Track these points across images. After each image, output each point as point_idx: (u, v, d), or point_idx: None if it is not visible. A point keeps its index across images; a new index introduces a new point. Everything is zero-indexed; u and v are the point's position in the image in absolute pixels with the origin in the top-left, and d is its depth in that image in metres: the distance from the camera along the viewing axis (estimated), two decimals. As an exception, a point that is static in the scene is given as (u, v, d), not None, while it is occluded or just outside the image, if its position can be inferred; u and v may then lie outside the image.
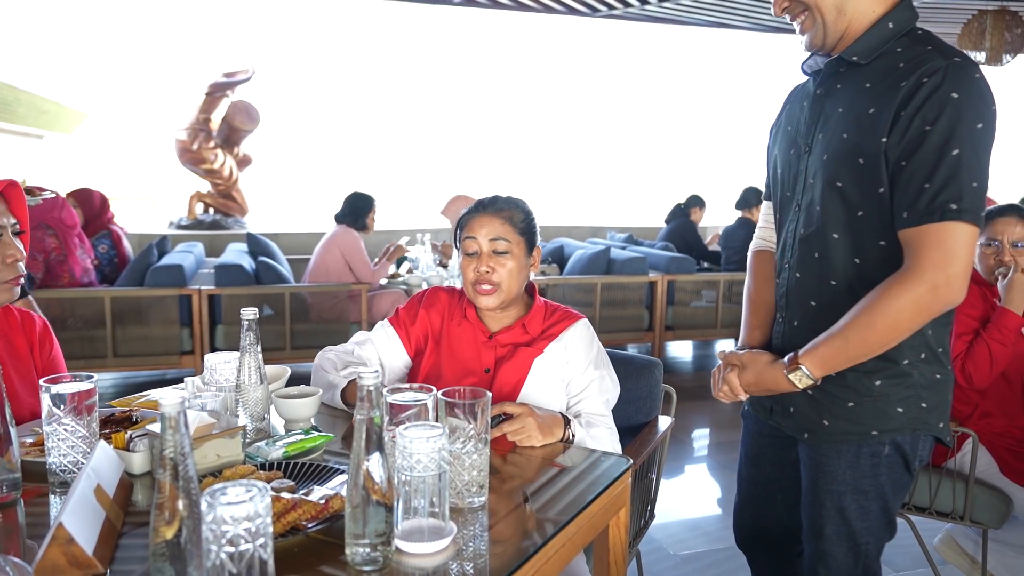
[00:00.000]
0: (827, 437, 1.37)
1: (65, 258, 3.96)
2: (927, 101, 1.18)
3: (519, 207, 1.65)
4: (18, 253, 1.43)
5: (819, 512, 1.40)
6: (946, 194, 1.16)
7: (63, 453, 1.18)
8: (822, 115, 1.36)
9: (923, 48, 1.24)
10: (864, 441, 1.34)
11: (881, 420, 1.32)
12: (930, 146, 1.17)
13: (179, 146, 8.91)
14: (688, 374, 5.34)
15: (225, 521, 0.74)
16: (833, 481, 1.37)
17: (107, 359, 4.20)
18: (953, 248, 1.17)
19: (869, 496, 1.37)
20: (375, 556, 0.96)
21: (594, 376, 1.60)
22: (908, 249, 1.21)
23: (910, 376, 1.32)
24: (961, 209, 1.16)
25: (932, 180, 1.17)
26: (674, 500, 3.17)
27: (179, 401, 0.81)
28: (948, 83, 1.17)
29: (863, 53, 1.29)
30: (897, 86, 1.22)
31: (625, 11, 7.48)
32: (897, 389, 1.32)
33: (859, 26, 1.30)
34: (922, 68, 1.20)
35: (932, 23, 7.04)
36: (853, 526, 1.38)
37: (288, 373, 1.68)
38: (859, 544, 1.40)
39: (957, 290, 1.18)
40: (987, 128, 1.18)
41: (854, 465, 1.36)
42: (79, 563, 0.92)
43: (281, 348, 4.48)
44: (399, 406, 1.13)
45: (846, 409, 1.34)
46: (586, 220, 11.07)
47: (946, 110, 1.16)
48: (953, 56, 1.20)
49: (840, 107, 1.32)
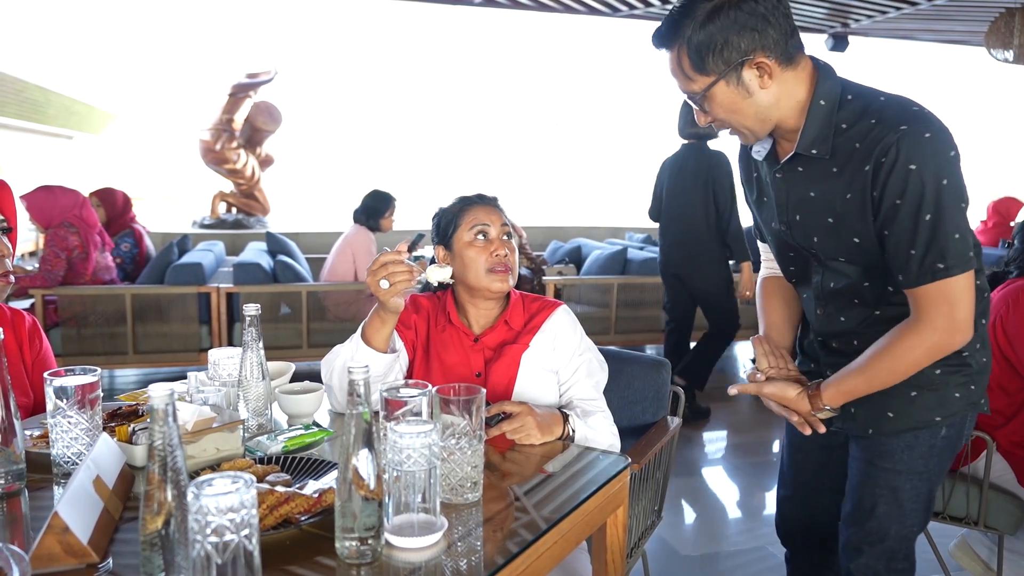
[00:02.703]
0: (892, 428, 1.43)
1: (87, 256, 4.03)
2: (889, 178, 1.23)
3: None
4: (4, 249, 1.44)
5: (872, 491, 1.46)
6: (932, 256, 1.24)
7: (66, 445, 1.20)
8: (790, 196, 1.40)
9: (868, 123, 1.27)
10: (926, 428, 1.41)
11: (943, 407, 1.40)
12: (904, 217, 1.24)
13: (203, 146, 9.04)
14: (705, 375, 5.29)
15: (210, 512, 0.75)
16: (890, 461, 1.44)
17: (128, 355, 4.26)
18: (953, 299, 1.25)
19: (922, 477, 1.44)
20: (365, 550, 0.96)
21: (580, 361, 1.62)
22: (914, 303, 1.30)
23: (969, 365, 1.40)
24: (948, 266, 1.24)
25: (916, 246, 1.25)
26: (687, 501, 3.16)
27: (168, 393, 0.82)
28: (903, 157, 1.22)
29: (819, 145, 1.31)
30: (862, 170, 1.27)
31: (646, 11, 7.45)
32: (955, 377, 1.40)
33: (788, 117, 1.32)
34: (876, 148, 1.24)
35: (958, 21, 6.92)
36: (904, 507, 1.45)
37: (292, 369, 1.69)
38: (906, 526, 1.46)
39: (965, 332, 1.28)
40: (952, 178, 1.23)
41: (912, 446, 1.43)
42: (74, 552, 0.93)
43: (298, 346, 4.52)
44: (394, 402, 1.13)
45: (909, 399, 1.40)
46: (606, 221, 11.04)
47: (909, 182, 1.22)
48: (899, 125, 1.23)
49: (811, 191, 1.36)
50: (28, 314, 1.68)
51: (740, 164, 1.58)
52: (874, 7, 6.66)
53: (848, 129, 1.29)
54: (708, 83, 1.28)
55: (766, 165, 1.44)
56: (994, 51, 5.98)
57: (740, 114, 1.31)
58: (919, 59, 12.29)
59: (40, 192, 3.96)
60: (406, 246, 1.42)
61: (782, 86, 1.29)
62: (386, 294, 1.39)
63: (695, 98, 1.32)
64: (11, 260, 1.49)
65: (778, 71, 1.27)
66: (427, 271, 1.49)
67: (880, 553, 1.47)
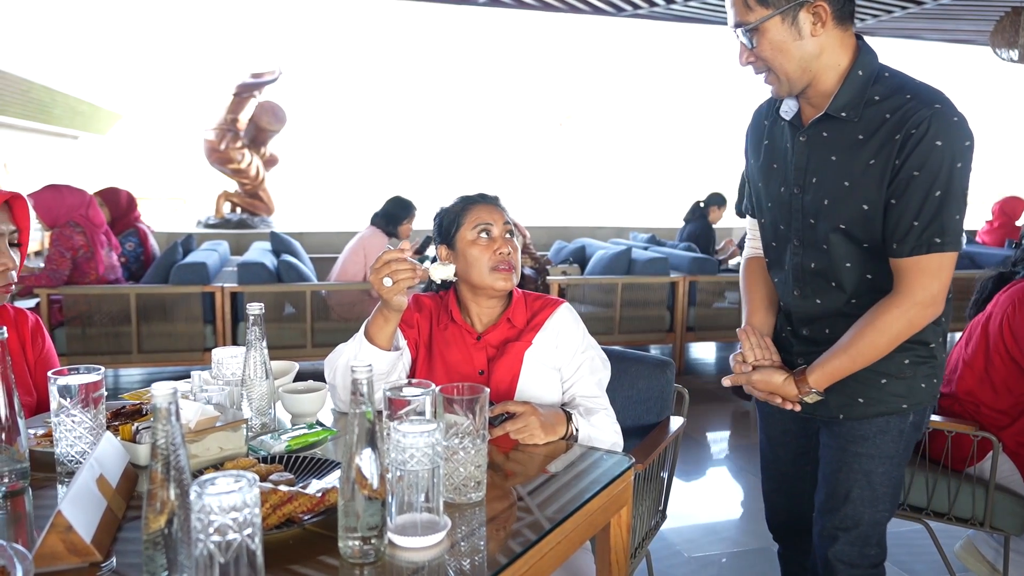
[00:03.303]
0: (863, 413, 1.50)
1: (92, 255, 4.04)
2: (915, 150, 1.31)
3: None
4: (10, 262, 1.47)
5: (846, 477, 1.52)
6: (932, 229, 1.32)
7: (70, 443, 1.20)
8: (811, 159, 1.45)
9: (903, 97, 1.34)
10: (895, 414, 1.49)
11: (910, 395, 1.48)
12: (917, 189, 1.32)
13: (207, 146, 9.05)
14: (711, 376, 5.29)
15: (212, 510, 0.75)
16: (863, 445, 1.50)
17: (132, 355, 4.27)
18: (939, 273, 1.34)
19: (893, 462, 1.51)
20: (368, 549, 0.96)
21: (583, 358, 1.63)
22: (899, 274, 1.37)
23: (935, 357, 1.49)
24: (945, 242, 1.33)
25: (920, 218, 1.33)
26: (691, 503, 3.15)
27: (171, 392, 0.82)
28: (932, 132, 1.29)
29: (850, 110, 1.38)
30: (892, 139, 1.33)
31: (650, 10, 7.44)
32: (923, 368, 1.48)
33: (826, 78, 1.39)
34: (910, 120, 1.31)
35: (964, 20, 6.90)
36: (877, 491, 1.51)
37: (296, 368, 1.69)
38: (879, 511, 1.52)
39: (939, 305, 1.38)
40: (965, 164, 1.32)
41: (884, 431, 1.50)
42: (77, 551, 0.93)
43: (302, 346, 4.52)
44: (398, 401, 1.13)
45: (879, 386, 1.48)
46: (610, 221, 11.03)
47: (931, 157, 1.30)
48: (934, 103, 1.31)
49: (833, 155, 1.42)
50: (31, 313, 1.68)
51: (750, 133, 1.63)
52: (880, 6, 6.65)
53: (881, 101, 1.36)
54: (765, 15, 1.33)
55: (788, 129, 1.49)
56: (999, 50, 5.96)
57: (785, 56, 1.36)
58: (925, 58, 12.26)
59: (47, 191, 3.97)
60: (409, 244, 1.42)
61: (829, 40, 1.35)
62: (389, 292, 1.40)
63: (747, 30, 1.36)
64: (16, 272, 1.50)
65: (831, 23, 1.34)
66: (430, 269, 1.50)
67: (854, 539, 1.53)
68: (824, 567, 1.57)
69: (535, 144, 32.13)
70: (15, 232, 1.50)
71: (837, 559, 1.54)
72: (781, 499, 1.79)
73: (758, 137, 1.59)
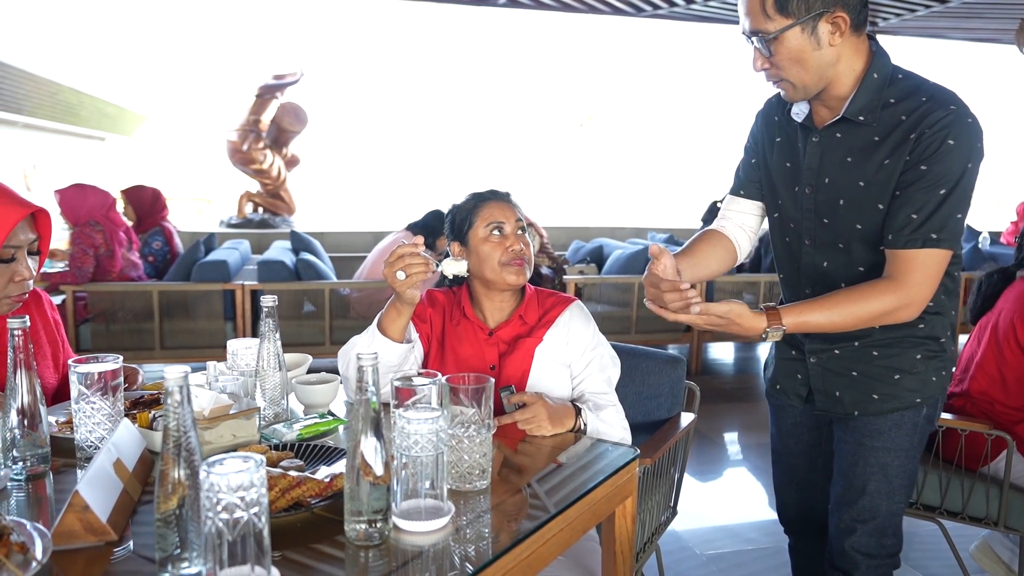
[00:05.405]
0: (878, 409, 1.50)
1: (112, 253, 4.13)
2: (928, 147, 1.32)
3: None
4: (27, 272, 1.49)
5: (863, 470, 1.53)
6: (930, 224, 1.32)
7: (89, 429, 1.24)
8: (824, 160, 1.45)
9: (918, 99, 1.35)
10: (909, 408, 1.50)
11: (923, 389, 1.49)
12: (923, 183, 1.32)
13: (230, 147, 9.17)
14: (728, 376, 5.27)
15: (220, 489, 0.78)
16: (880, 439, 1.51)
17: (155, 351, 4.36)
18: (930, 270, 1.34)
19: (908, 455, 1.52)
20: (372, 532, 0.99)
21: (593, 355, 1.64)
22: (891, 263, 1.37)
23: (945, 351, 1.51)
24: (940, 239, 1.33)
25: (920, 212, 1.33)
26: (706, 501, 3.15)
27: (182, 375, 0.85)
28: (947, 132, 1.30)
29: (867, 113, 1.38)
30: (907, 139, 1.34)
31: (670, 10, 7.43)
32: (934, 362, 1.50)
33: (841, 82, 1.39)
34: (926, 120, 1.32)
35: (988, 19, 6.81)
36: (893, 483, 1.52)
37: (309, 360, 1.73)
38: (895, 502, 1.53)
39: (919, 307, 1.37)
40: (975, 165, 1.33)
41: (899, 425, 1.50)
42: (94, 530, 0.97)
43: (321, 343, 4.58)
44: (405, 390, 1.16)
45: (893, 382, 1.49)
46: (630, 221, 11.01)
47: (941, 153, 1.31)
48: (949, 104, 1.33)
49: (848, 156, 1.42)
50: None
51: (760, 129, 1.61)
52: (903, 5, 6.58)
53: (896, 104, 1.37)
54: (784, 25, 1.32)
55: (801, 131, 1.49)
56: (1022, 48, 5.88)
57: (803, 65, 1.36)
58: (948, 57, 12.09)
59: (73, 189, 4.07)
60: (422, 239, 1.45)
61: (846, 48, 1.36)
62: (402, 285, 1.43)
63: (764, 39, 1.35)
64: (31, 282, 1.52)
65: (848, 32, 1.34)
66: (442, 264, 1.52)
67: (872, 530, 1.54)
68: (842, 559, 1.57)
69: (556, 145, 32.10)
70: (35, 240, 1.52)
71: (856, 550, 1.54)
72: (792, 492, 1.79)
73: (769, 133, 1.59)
